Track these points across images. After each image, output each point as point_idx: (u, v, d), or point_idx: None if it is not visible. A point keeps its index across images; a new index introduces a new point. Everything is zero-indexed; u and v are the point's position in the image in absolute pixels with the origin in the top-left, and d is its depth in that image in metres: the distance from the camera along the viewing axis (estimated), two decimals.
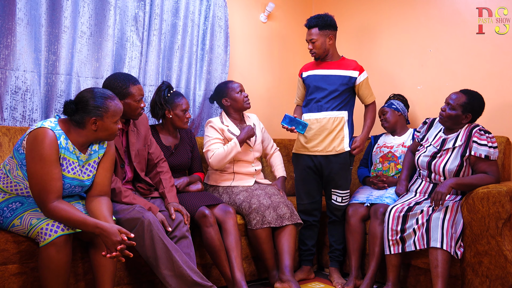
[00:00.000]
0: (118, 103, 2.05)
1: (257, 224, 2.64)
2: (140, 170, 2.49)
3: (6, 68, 2.55)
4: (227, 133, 2.89)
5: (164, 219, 2.30)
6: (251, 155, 2.95)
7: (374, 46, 3.69)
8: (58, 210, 1.87)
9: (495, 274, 2.34)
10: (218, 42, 3.41)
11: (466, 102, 2.53)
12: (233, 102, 2.94)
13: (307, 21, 2.91)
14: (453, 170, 2.54)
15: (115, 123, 2.03)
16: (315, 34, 2.85)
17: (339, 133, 2.86)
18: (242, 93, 2.95)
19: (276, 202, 2.74)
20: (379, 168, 3.07)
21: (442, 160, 2.58)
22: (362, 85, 2.90)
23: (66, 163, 1.98)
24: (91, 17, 2.82)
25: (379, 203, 2.79)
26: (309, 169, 2.92)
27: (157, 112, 2.77)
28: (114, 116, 2.01)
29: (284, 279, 2.59)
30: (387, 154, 3.07)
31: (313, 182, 2.94)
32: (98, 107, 1.97)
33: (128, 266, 2.31)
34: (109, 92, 2.05)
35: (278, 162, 3.14)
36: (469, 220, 2.43)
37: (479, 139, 2.49)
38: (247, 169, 2.94)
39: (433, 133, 2.71)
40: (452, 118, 2.56)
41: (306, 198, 2.95)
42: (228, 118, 2.97)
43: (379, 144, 3.18)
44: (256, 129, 3.04)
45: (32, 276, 2.01)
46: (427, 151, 2.66)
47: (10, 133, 2.47)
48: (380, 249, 2.66)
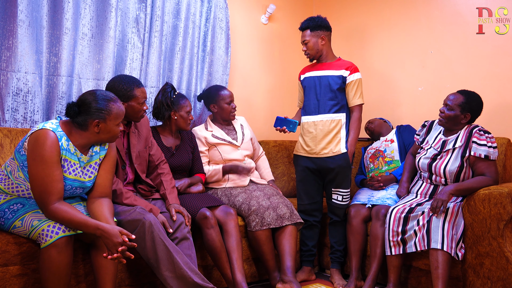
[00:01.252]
0: (121, 106, 2.05)
1: (256, 226, 2.64)
2: (141, 172, 2.50)
3: (7, 69, 2.55)
4: (210, 138, 2.95)
5: (165, 221, 2.30)
6: (238, 153, 2.99)
7: (375, 47, 3.69)
8: (59, 211, 1.88)
9: (496, 275, 2.34)
10: (219, 43, 3.41)
11: (464, 102, 2.54)
12: (220, 111, 3.01)
13: (300, 24, 2.96)
14: (454, 171, 2.54)
15: (117, 126, 2.03)
16: (307, 35, 2.90)
17: (336, 135, 2.87)
18: (231, 104, 3.01)
19: (275, 202, 2.75)
20: (371, 168, 3.09)
21: (442, 162, 2.58)
22: (351, 85, 2.86)
23: (67, 164, 1.98)
24: (92, 18, 2.83)
25: (381, 204, 2.79)
26: (308, 170, 2.94)
27: (163, 113, 2.77)
28: (117, 119, 2.02)
29: (286, 280, 2.59)
30: (374, 153, 3.12)
31: (312, 182, 2.95)
32: (101, 109, 1.97)
33: (129, 268, 2.31)
34: (111, 94, 2.06)
35: (266, 165, 3.21)
36: (470, 221, 2.43)
37: (478, 139, 2.50)
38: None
39: (433, 135, 2.72)
40: (451, 118, 2.57)
41: (306, 198, 2.96)
42: (212, 123, 3.05)
43: (368, 151, 3.21)
44: (244, 128, 3.12)
45: (33, 278, 2.01)
46: (428, 153, 2.66)
47: (12, 135, 2.47)
48: (381, 251, 2.66)
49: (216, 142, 2.96)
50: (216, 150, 2.96)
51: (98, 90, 2.05)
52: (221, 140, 2.97)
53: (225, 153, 2.96)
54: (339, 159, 2.86)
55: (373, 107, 3.62)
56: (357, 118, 2.89)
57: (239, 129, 3.09)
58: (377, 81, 3.65)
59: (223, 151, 2.96)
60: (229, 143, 2.98)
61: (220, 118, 3.04)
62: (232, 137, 3.03)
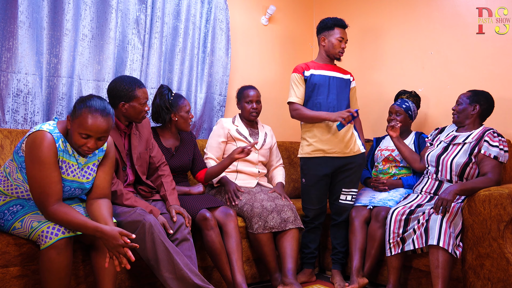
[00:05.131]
0: (102, 122, 1.91)
1: (259, 229, 2.64)
2: (142, 173, 2.50)
3: (8, 71, 2.55)
4: (233, 132, 2.97)
5: (166, 222, 2.30)
6: (255, 156, 2.99)
7: (375, 49, 3.69)
8: (58, 213, 1.88)
9: (497, 276, 2.33)
10: (220, 44, 3.41)
11: (471, 95, 2.67)
12: (241, 109, 3.07)
13: (343, 21, 2.90)
14: (460, 164, 2.57)
15: (79, 135, 1.91)
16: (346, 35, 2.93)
17: (352, 135, 2.88)
18: (252, 103, 3.02)
19: (280, 205, 2.73)
20: (380, 169, 3.08)
21: (451, 154, 2.62)
22: (353, 90, 3.00)
23: (66, 165, 1.98)
24: (93, 20, 2.83)
25: (382, 206, 2.79)
26: (323, 174, 2.86)
27: (164, 116, 2.75)
28: (80, 127, 1.90)
29: (287, 282, 2.59)
30: (388, 157, 3.08)
31: (325, 187, 2.92)
32: (75, 112, 1.92)
33: (129, 269, 2.30)
34: (98, 105, 1.93)
35: (281, 173, 3.14)
36: (470, 222, 2.43)
37: (491, 140, 2.54)
38: (251, 169, 2.97)
39: (444, 134, 2.79)
40: (460, 111, 2.68)
41: (317, 203, 2.91)
42: (241, 120, 3.07)
43: (381, 147, 3.18)
44: (267, 136, 3.12)
45: (33, 279, 2.02)
46: (438, 148, 2.73)
47: (12, 136, 2.47)
48: (376, 252, 2.71)
49: (238, 137, 2.96)
50: (234, 146, 2.95)
51: (91, 100, 1.95)
52: (243, 137, 2.98)
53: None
54: (359, 158, 2.89)
55: (373, 107, 3.62)
56: (360, 121, 3.03)
57: (262, 135, 3.08)
58: (377, 82, 3.65)
59: None
60: (249, 143, 2.94)
61: (243, 117, 3.07)
62: (254, 139, 3.03)
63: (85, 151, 1.93)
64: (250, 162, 2.98)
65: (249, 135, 3.01)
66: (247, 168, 2.97)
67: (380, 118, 3.57)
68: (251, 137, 3.02)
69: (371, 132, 3.59)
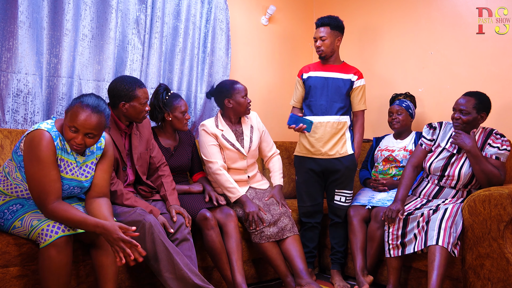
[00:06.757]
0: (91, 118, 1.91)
1: (255, 238, 2.65)
2: (142, 173, 2.50)
3: (8, 71, 2.56)
4: (221, 139, 2.78)
5: (166, 222, 2.31)
6: (244, 163, 2.85)
7: (375, 49, 3.69)
8: (58, 210, 1.88)
9: (497, 276, 2.33)
10: (220, 44, 3.41)
11: (477, 103, 2.53)
12: (236, 106, 2.81)
13: (318, 19, 2.90)
14: (469, 174, 2.54)
15: (68, 128, 1.92)
16: (326, 32, 2.85)
17: (342, 137, 2.87)
18: (247, 97, 2.86)
19: (277, 214, 2.69)
20: (380, 169, 3.07)
21: (458, 164, 2.58)
22: (357, 90, 2.90)
23: (64, 164, 1.98)
24: (93, 20, 2.83)
25: (381, 206, 2.79)
26: (312, 171, 2.92)
27: (156, 115, 2.75)
28: (69, 121, 1.91)
29: (303, 283, 2.57)
30: (388, 157, 3.07)
31: (315, 184, 2.94)
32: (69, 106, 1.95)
33: (129, 269, 2.31)
34: (91, 102, 1.94)
35: (277, 168, 2.97)
36: (470, 222, 2.42)
37: (494, 142, 2.53)
38: (240, 176, 2.84)
39: (444, 138, 2.69)
40: (470, 122, 2.54)
41: (308, 200, 2.94)
42: (224, 121, 2.86)
43: (381, 146, 3.17)
44: (254, 130, 2.92)
45: (34, 279, 2.01)
46: (441, 156, 2.64)
47: (12, 136, 2.47)
48: (375, 252, 2.71)
49: (226, 145, 2.79)
50: (222, 154, 2.82)
51: (84, 99, 1.96)
52: (230, 145, 2.80)
53: (230, 161, 2.80)
54: (346, 160, 2.87)
55: (373, 108, 3.62)
56: (362, 123, 2.96)
57: (248, 133, 2.88)
58: (377, 82, 3.65)
59: (229, 158, 2.80)
60: (237, 151, 2.81)
61: (234, 114, 2.84)
62: (241, 143, 2.85)
63: (73, 146, 1.94)
64: (238, 169, 2.84)
65: (235, 140, 2.82)
66: (236, 176, 2.81)
67: (380, 118, 3.58)
68: (237, 141, 2.84)
69: (371, 132, 3.59)
